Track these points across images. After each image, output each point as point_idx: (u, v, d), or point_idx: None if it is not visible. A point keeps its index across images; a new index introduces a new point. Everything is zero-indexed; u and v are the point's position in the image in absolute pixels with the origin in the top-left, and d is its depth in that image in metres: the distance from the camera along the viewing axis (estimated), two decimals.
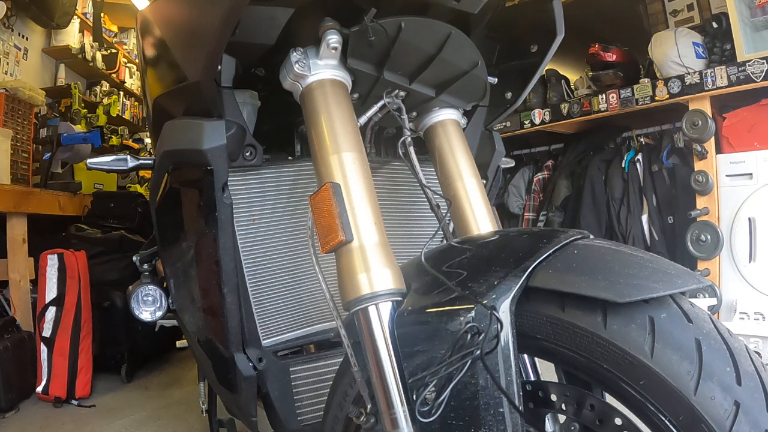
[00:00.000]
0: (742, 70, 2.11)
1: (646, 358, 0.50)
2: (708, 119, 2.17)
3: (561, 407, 0.60)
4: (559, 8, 0.92)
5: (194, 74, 0.76)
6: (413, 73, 0.84)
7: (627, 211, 2.56)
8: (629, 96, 2.46)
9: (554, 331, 0.56)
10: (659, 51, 2.37)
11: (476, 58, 0.87)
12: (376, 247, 0.65)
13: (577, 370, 0.57)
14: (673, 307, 0.53)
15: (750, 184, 2.17)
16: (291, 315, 0.98)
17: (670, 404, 0.49)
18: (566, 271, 0.56)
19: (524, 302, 0.58)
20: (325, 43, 0.73)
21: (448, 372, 0.55)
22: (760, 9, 2.15)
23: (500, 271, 0.58)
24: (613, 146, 2.77)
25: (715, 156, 2.25)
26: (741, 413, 0.46)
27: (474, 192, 0.86)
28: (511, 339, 0.55)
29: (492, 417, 0.54)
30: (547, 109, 2.82)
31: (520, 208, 3.06)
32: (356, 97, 0.84)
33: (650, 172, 2.54)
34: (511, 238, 0.67)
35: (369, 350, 0.63)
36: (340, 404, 0.75)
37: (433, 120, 0.92)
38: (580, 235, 0.62)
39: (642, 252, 0.60)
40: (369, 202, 0.68)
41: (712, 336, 0.51)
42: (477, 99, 0.96)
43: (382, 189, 1.00)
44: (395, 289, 0.64)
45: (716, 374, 0.48)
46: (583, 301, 0.54)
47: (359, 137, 0.73)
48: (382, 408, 0.61)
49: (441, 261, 0.65)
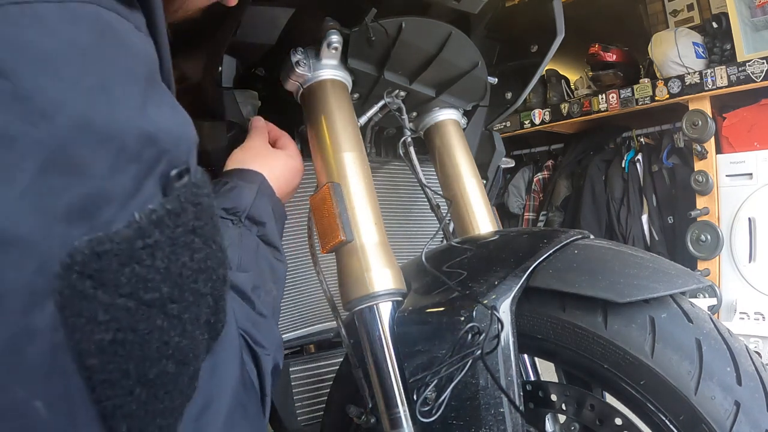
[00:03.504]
0: (742, 70, 2.11)
1: (647, 358, 0.50)
2: (708, 119, 2.17)
3: (561, 407, 0.60)
4: (559, 8, 0.92)
5: (195, 75, 0.76)
6: (413, 73, 0.84)
7: (627, 211, 2.57)
8: (629, 96, 2.47)
9: (554, 331, 0.57)
10: (659, 51, 2.37)
11: (476, 58, 0.87)
12: (377, 247, 0.65)
13: (577, 370, 0.57)
14: (673, 307, 0.53)
15: (750, 184, 2.17)
16: (291, 315, 0.98)
17: (671, 404, 0.49)
18: (566, 271, 0.56)
19: (524, 302, 0.58)
20: (326, 43, 0.73)
21: (449, 372, 0.55)
22: (760, 9, 2.15)
23: (501, 271, 0.58)
24: (613, 146, 2.77)
25: (715, 156, 2.25)
26: (741, 413, 0.47)
27: (474, 192, 0.86)
28: (511, 339, 0.55)
29: (492, 417, 0.54)
30: (547, 109, 2.82)
31: (520, 208, 3.06)
32: (356, 97, 0.84)
33: (650, 172, 2.54)
34: (512, 238, 0.67)
35: (369, 350, 0.63)
36: (340, 404, 0.75)
37: (433, 120, 0.92)
38: (580, 235, 0.62)
39: (642, 252, 0.60)
40: (369, 202, 0.68)
41: (713, 336, 0.51)
42: (477, 99, 0.96)
43: (382, 189, 1.00)
44: (395, 289, 0.64)
45: (716, 374, 0.49)
46: (583, 301, 0.54)
47: (359, 137, 0.73)
48: (382, 408, 0.61)
49: (441, 261, 0.65)
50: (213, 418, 0.35)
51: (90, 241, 0.25)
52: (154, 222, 0.27)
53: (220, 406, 0.37)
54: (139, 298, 0.27)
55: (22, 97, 0.23)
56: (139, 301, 0.27)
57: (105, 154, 0.25)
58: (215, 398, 0.36)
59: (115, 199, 0.26)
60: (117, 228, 0.26)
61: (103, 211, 0.26)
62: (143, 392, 0.28)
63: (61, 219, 0.24)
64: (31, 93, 0.23)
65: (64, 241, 0.24)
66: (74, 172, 0.24)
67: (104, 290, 0.25)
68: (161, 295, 0.28)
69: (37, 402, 0.24)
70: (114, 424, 0.27)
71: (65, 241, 0.24)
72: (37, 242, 0.23)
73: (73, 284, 0.24)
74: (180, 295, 0.29)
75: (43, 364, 0.24)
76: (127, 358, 0.27)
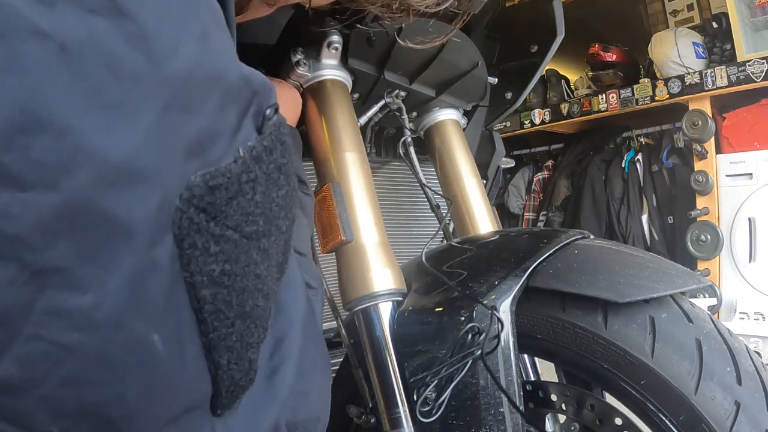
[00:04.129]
0: (742, 70, 2.11)
1: (647, 358, 0.51)
2: (708, 119, 2.17)
3: (561, 407, 0.60)
4: (559, 8, 0.92)
5: None
6: (414, 74, 0.84)
7: (627, 211, 2.57)
8: (629, 96, 2.47)
9: (555, 331, 0.57)
10: (659, 51, 2.37)
11: (476, 58, 0.87)
12: (377, 247, 0.65)
13: (577, 370, 0.57)
14: (673, 307, 0.53)
15: (750, 184, 2.17)
16: None
17: (671, 404, 0.49)
18: (567, 271, 0.56)
19: (525, 302, 0.58)
20: (326, 43, 0.73)
21: (449, 372, 0.55)
22: (760, 9, 2.15)
23: (501, 271, 0.58)
24: (613, 146, 2.77)
25: (715, 156, 2.25)
26: (741, 413, 0.47)
27: (474, 192, 0.86)
28: (511, 339, 0.55)
29: (492, 417, 0.54)
30: (547, 109, 2.82)
31: (520, 208, 3.06)
32: (356, 97, 0.84)
33: (650, 172, 2.54)
34: (512, 238, 0.67)
35: (369, 350, 0.63)
36: (340, 404, 0.75)
37: (433, 120, 0.92)
38: (580, 235, 0.62)
39: (642, 252, 0.60)
40: (369, 202, 0.68)
41: (713, 336, 0.51)
42: (477, 99, 0.96)
43: (382, 189, 1.00)
44: (395, 289, 0.64)
45: (717, 374, 0.49)
46: (583, 301, 0.54)
47: (359, 137, 0.74)
48: (382, 408, 0.61)
49: (441, 261, 0.65)
50: (287, 355, 0.37)
51: (204, 176, 0.26)
52: (255, 158, 0.29)
53: (293, 343, 0.38)
54: (242, 230, 0.28)
55: (146, 37, 0.24)
56: (242, 233, 0.28)
57: (215, 94, 0.27)
58: (287, 335, 0.37)
59: (223, 136, 0.28)
60: (225, 163, 0.27)
61: (214, 148, 0.27)
62: (242, 325, 0.30)
63: (180, 154, 0.25)
64: (154, 35, 0.24)
65: (182, 175, 0.25)
66: (192, 109, 0.26)
67: (216, 223, 0.27)
68: (258, 228, 0.29)
69: (155, 336, 0.25)
70: (217, 356, 0.28)
71: (184, 176, 0.25)
72: (161, 177, 0.24)
73: (190, 217, 0.26)
74: (269, 230, 0.31)
75: (162, 298, 0.25)
76: (231, 290, 0.28)
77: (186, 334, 0.27)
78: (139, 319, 0.25)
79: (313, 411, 0.41)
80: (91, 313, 0.23)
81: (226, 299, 0.28)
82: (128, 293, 0.24)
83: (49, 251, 0.22)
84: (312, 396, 0.41)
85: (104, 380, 0.24)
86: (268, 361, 0.35)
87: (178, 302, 0.26)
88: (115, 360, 0.24)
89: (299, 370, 0.38)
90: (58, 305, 0.23)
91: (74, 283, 0.23)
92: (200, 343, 0.28)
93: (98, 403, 0.24)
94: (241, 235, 0.28)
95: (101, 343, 0.24)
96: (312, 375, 0.41)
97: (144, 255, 0.24)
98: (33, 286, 0.22)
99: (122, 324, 0.24)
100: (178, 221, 0.25)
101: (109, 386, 0.24)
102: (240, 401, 0.32)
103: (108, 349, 0.24)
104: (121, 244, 0.23)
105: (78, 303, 0.23)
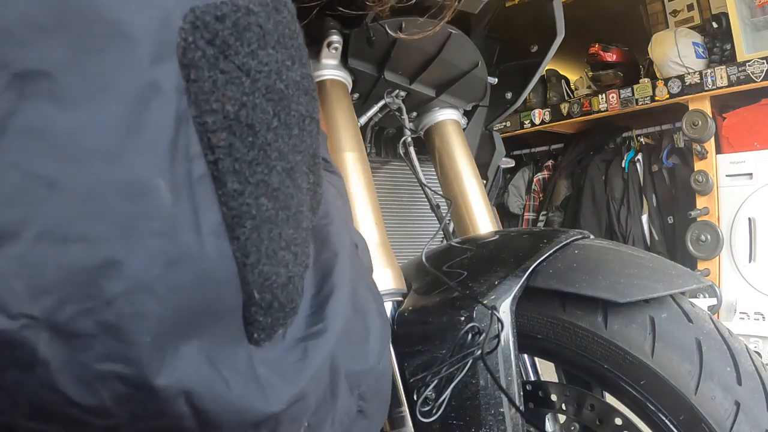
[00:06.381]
0: (742, 70, 2.11)
1: (647, 357, 0.51)
2: (708, 119, 2.17)
3: (561, 407, 0.60)
4: (559, 8, 0.92)
5: None
6: (414, 74, 0.84)
7: (627, 211, 2.57)
8: (629, 96, 2.47)
9: (555, 331, 0.57)
10: (659, 51, 2.37)
11: (476, 58, 0.87)
12: (377, 247, 0.65)
13: (577, 370, 0.57)
14: (673, 307, 0.53)
15: (750, 184, 2.17)
16: None
17: (671, 404, 0.49)
18: (567, 271, 0.56)
19: (525, 302, 0.58)
20: (326, 43, 0.73)
21: (449, 372, 0.55)
22: (760, 9, 2.15)
23: (501, 271, 0.58)
24: (613, 146, 2.77)
25: (715, 156, 2.25)
26: (741, 413, 0.47)
27: (474, 192, 0.86)
28: (511, 339, 0.55)
29: (492, 417, 0.54)
30: (547, 109, 2.82)
31: (520, 208, 3.07)
32: (356, 97, 0.84)
33: (650, 172, 2.54)
34: (512, 238, 0.67)
35: None
36: None
37: (433, 120, 0.92)
38: (580, 235, 0.63)
39: (642, 252, 0.60)
40: (369, 202, 0.68)
41: (713, 336, 0.51)
42: (477, 99, 0.96)
43: (382, 189, 1.00)
44: (396, 289, 0.64)
45: (716, 374, 0.49)
46: (583, 301, 0.54)
47: (359, 137, 0.74)
48: None
49: (441, 261, 0.65)
50: (336, 284, 0.32)
51: (208, 6, 0.24)
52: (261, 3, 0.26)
53: (342, 273, 0.33)
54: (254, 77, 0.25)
55: None
56: (253, 79, 0.25)
57: None
58: (333, 267, 0.33)
59: None
60: None
61: None
62: (270, 205, 0.25)
63: None
64: None
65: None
66: None
67: (224, 57, 0.24)
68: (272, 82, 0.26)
69: (160, 180, 0.21)
70: (241, 235, 0.24)
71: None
72: None
73: (196, 42, 0.23)
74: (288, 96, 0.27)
75: (167, 136, 0.22)
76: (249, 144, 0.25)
77: (200, 195, 0.23)
78: (140, 156, 0.21)
79: (373, 359, 0.35)
80: (80, 137, 0.20)
81: (244, 154, 0.24)
82: (125, 119, 0.20)
83: (34, 48, 0.19)
84: (372, 342, 0.35)
85: (94, 234, 0.20)
86: (314, 297, 0.31)
87: (188, 149, 0.22)
88: (107, 205, 0.20)
89: (353, 304, 0.33)
90: (39, 123, 0.19)
91: (60, 94, 0.19)
92: (219, 212, 0.23)
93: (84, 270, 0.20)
94: (252, 80, 0.25)
95: (90, 180, 0.20)
96: (369, 317, 0.36)
97: (146, 70, 0.21)
98: (12, 92, 0.19)
99: (118, 157, 0.20)
100: (183, 44, 0.22)
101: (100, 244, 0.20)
102: (285, 333, 0.27)
103: (99, 190, 0.20)
104: (118, 53, 0.20)
105: (64, 122, 0.19)
